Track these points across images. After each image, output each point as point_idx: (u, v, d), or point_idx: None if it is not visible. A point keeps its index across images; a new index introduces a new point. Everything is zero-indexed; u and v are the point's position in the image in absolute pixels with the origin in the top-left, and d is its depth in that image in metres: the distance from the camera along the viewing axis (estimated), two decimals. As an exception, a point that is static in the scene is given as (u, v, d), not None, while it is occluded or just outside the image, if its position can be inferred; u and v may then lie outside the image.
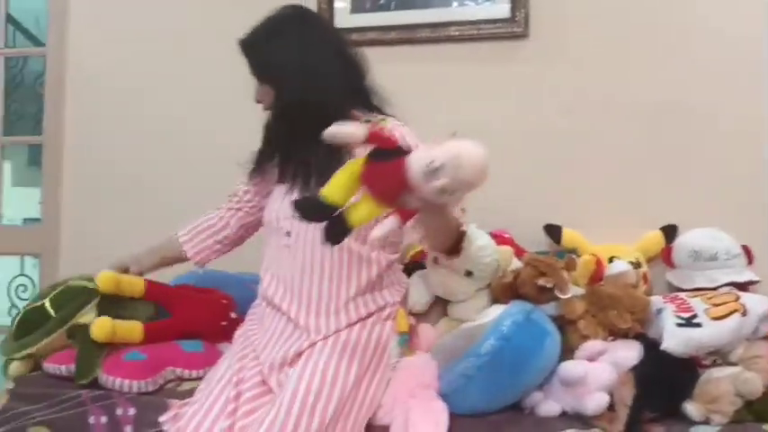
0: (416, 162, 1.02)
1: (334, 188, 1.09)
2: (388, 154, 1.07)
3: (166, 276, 1.79)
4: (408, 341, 1.44)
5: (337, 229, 1.09)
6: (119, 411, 1.43)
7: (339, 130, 1.06)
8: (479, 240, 1.49)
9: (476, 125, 1.93)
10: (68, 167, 2.41)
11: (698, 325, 1.38)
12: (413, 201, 1.05)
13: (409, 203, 1.06)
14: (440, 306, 1.57)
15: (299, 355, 1.35)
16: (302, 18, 1.46)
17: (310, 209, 1.10)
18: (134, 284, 1.59)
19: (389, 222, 1.07)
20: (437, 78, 2.07)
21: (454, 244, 1.37)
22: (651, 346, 1.39)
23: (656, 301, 1.49)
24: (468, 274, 1.50)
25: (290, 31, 1.42)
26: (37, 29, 3.92)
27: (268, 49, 1.43)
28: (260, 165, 1.54)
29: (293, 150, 1.45)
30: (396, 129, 1.41)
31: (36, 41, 3.96)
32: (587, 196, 2.00)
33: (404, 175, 1.03)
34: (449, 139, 1.02)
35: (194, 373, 1.52)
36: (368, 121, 1.44)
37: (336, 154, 1.32)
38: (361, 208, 1.08)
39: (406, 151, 1.06)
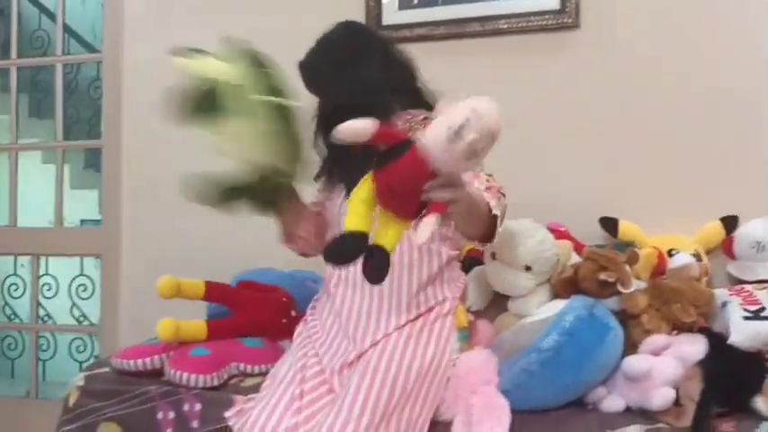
0: (436, 135, 0.97)
1: (354, 219, 1.05)
2: (395, 152, 1.02)
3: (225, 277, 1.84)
4: (469, 337, 1.44)
5: (376, 262, 1.04)
6: (185, 407, 1.48)
7: (345, 129, 1.00)
8: (538, 235, 1.48)
9: (528, 118, 1.95)
10: (127, 169, 2.47)
11: (766, 318, 1.35)
12: (438, 187, 1.01)
13: (435, 193, 1.01)
14: (497, 302, 1.56)
15: (360, 356, 1.37)
16: (352, 33, 1.51)
17: (344, 248, 1.05)
18: (195, 287, 1.65)
19: (431, 220, 1.00)
20: (487, 72, 2.05)
21: (488, 229, 1.34)
22: (716, 340, 1.37)
23: (721, 293, 1.46)
24: (528, 268, 1.49)
25: (341, 47, 1.47)
26: (92, 35, 4.04)
27: (324, 69, 1.46)
28: (321, 172, 1.56)
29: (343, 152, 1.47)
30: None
31: (89, 47, 4.07)
32: (642, 188, 1.97)
33: (422, 160, 0.98)
34: (447, 105, 0.99)
35: (257, 369, 1.56)
36: (426, 118, 1.45)
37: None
38: (384, 231, 1.04)
39: (412, 141, 1.02)
